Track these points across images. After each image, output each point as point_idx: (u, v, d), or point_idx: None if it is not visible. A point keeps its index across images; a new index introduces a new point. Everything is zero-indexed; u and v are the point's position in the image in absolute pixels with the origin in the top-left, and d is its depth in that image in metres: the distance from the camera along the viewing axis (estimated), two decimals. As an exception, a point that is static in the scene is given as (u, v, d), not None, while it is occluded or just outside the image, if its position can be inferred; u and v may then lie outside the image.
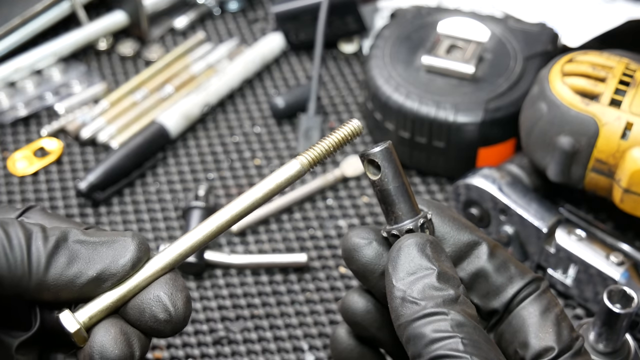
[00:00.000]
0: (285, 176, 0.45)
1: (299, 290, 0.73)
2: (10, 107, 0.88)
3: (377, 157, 0.44)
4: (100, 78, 0.92)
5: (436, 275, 0.43)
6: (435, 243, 0.45)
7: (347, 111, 0.88)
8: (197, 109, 0.86)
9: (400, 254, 0.44)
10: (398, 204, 0.45)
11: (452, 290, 0.43)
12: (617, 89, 0.66)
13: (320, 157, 0.46)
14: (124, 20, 0.95)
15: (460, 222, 0.48)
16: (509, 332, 0.47)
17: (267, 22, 0.99)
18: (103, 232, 0.44)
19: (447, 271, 0.44)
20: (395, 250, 0.45)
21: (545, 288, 0.47)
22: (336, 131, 0.46)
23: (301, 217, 0.79)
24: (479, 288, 0.47)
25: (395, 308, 0.43)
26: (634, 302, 0.54)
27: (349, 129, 0.46)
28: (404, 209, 0.45)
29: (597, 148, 0.65)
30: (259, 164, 0.84)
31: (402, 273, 0.44)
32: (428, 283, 0.43)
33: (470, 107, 0.75)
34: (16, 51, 0.91)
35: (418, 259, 0.44)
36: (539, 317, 0.46)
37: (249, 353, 0.69)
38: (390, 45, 0.81)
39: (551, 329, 0.46)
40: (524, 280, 0.47)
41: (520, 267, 0.48)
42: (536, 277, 0.48)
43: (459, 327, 0.41)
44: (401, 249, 0.44)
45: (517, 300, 0.47)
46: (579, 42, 0.80)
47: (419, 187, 0.81)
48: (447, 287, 0.43)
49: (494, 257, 0.47)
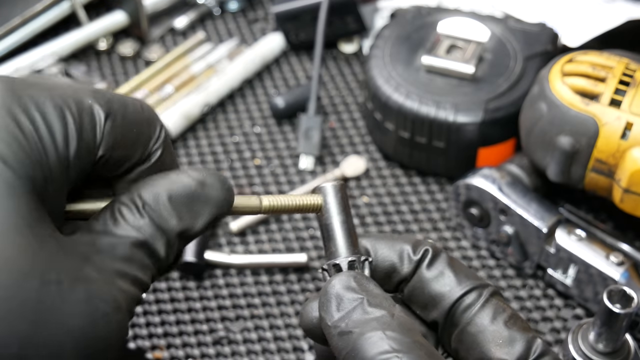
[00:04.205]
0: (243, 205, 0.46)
1: (299, 290, 0.73)
2: (10, 107, 0.88)
3: (322, 192, 0.46)
4: (100, 78, 0.92)
5: (366, 303, 0.42)
6: (360, 275, 0.44)
7: (347, 111, 0.88)
8: (197, 109, 0.86)
9: (327, 297, 0.44)
10: (334, 240, 0.46)
11: (384, 311, 0.42)
12: (617, 89, 0.66)
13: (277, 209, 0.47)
14: (124, 20, 0.95)
15: (395, 239, 0.47)
16: (462, 349, 0.45)
17: (267, 22, 0.99)
18: None
19: (376, 295, 0.43)
20: (323, 295, 0.44)
21: (489, 295, 0.46)
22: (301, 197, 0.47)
23: (301, 217, 0.79)
24: (417, 300, 0.46)
25: (335, 345, 0.42)
26: (634, 302, 0.54)
27: (310, 201, 0.47)
28: (339, 245, 0.46)
29: (597, 148, 0.65)
30: (259, 164, 0.84)
31: (333, 312, 0.43)
32: (359, 312, 0.42)
33: (470, 107, 0.75)
34: (16, 51, 0.91)
35: (345, 294, 0.43)
36: (487, 328, 0.45)
37: (249, 353, 0.69)
38: (390, 45, 0.81)
39: (501, 339, 0.44)
40: (462, 289, 0.46)
41: (462, 275, 0.46)
42: (478, 284, 0.46)
43: (398, 345, 0.40)
44: (327, 292, 0.44)
45: (459, 310, 0.46)
46: (579, 42, 0.80)
47: (419, 187, 0.81)
48: (379, 309, 0.42)
49: (431, 266, 0.46)
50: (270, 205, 0.47)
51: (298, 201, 0.47)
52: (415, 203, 0.79)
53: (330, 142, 0.85)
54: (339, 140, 0.85)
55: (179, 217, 0.43)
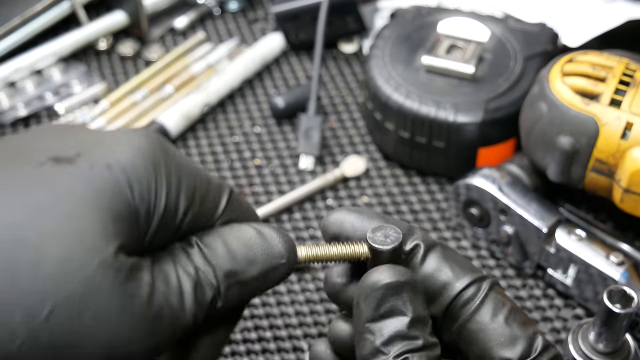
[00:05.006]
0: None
1: (299, 290, 0.73)
2: (10, 107, 0.88)
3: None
4: (100, 78, 0.92)
5: (408, 323, 0.42)
6: (412, 282, 0.43)
7: (347, 111, 0.88)
8: (197, 109, 0.86)
9: (376, 292, 0.43)
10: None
11: (420, 340, 0.42)
12: (617, 89, 0.66)
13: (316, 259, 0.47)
14: (124, 20, 0.95)
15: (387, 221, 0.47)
16: (462, 343, 0.45)
17: (267, 22, 0.99)
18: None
19: (419, 315, 0.43)
20: (371, 288, 0.43)
21: (488, 289, 0.45)
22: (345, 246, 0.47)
23: (301, 217, 0.79)
24: None
25: (362, 351, 0.42)
26: (634, 302, 0.54)
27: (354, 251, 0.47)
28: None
29: (597, 148, 0.65)
30: (259, 164, 0.84)
31: (374, 313, 0.43)
32: (399, 329, 0.42)
33: (470, 107, 0.75)
34: (16, 51, 0.91)
35: (393, 300, 0.42)
36: (488, 326, 0.44)
37: (249, 353, 0.69)
38: (390, 45, 0.81)
39: (502, 337, 0.44)
40: (461, 285, 0.45)
41: (459, 268, 0.46)
42: (476, 277, 0.46)
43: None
44: (378, 288, 0.43)
45: (458, 305, 0.45)
46: (579, 42, 0.80)
47: (419, 187, 0.81)
48: (416, 334, 0.42)
49: (425, 261, 0.46)
50: (310, 255, 0.46)
51: (344, 251, 0.46)
52: (415, 203, 0.79)
53: (330, 142, 0.85)
54: (339, 140, 0.85)
55: (232, 258, 0.44)
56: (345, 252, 0.46)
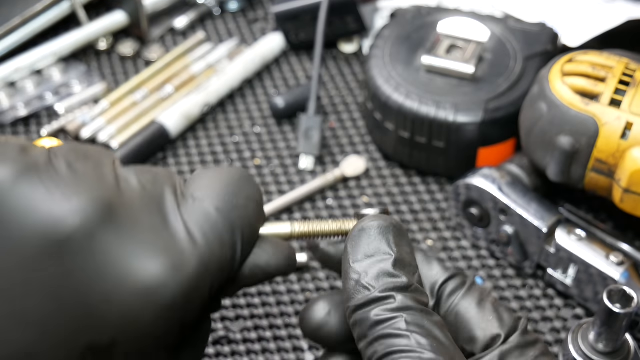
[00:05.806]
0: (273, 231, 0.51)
1: (299, 290, 0.73)
2: (10, 107, 0.88)
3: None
4: (100, 78, 0.92)
5: (392, 262, 0.43)
6: (399, 227, 0.45)
7: (347, 111, 0.88)
8: (197, 109, 0.86)
9: (361, 234, 0.44)
10: None
11: (405, 278, 0.43)
12: (617, 89, 0.66)
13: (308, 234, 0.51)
14: (124, 20, 0.95)
15: None
16: (450, 330, 0.46)
17: (267, 22, 0.99)
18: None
19: (404, 258, 0.44)
20: (357, 230, 0.45)
21: (472, 281, 0.48)
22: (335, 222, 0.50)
23: (301, 217, 0.79)
24: None
25: (348, 290, 0.44)
26: (634, 302, 0.54)
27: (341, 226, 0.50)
28: None
29: (597, 148, 0.65)
30: (259, 164, 0.84)
31: (360, 255, 0.44)
32: (383, 268, 0.43)
33: (470, 107, 0.75)
34: (16, 51, 0.91)
35: (378, 242, 0.44)
36: (476, 309, 0.47)
37: (249, 353, 0.69)
38: (390, 45, 0.81)
39: (491, 316, 0.46)
40: (447, 274, 0.48)
41: (442, 265, 0.49)
42: (457, 272, 0.48)
43: (404, 310, 0.42)
44: (363, 229, 0.45)
45: (445, 295, 0.47)
46: (579, 42, 0.80)
47: (419, 187, 0.81)
48: (401, 274, 0.43)
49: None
50: (301, 231, 0.50)
51: (334, 226, 0.49)
52: (415, 203, 0.79)
53: (330, 142, 0.85)
54: (339, 140, 0.85)
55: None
56: (336, 225, 0.49)
